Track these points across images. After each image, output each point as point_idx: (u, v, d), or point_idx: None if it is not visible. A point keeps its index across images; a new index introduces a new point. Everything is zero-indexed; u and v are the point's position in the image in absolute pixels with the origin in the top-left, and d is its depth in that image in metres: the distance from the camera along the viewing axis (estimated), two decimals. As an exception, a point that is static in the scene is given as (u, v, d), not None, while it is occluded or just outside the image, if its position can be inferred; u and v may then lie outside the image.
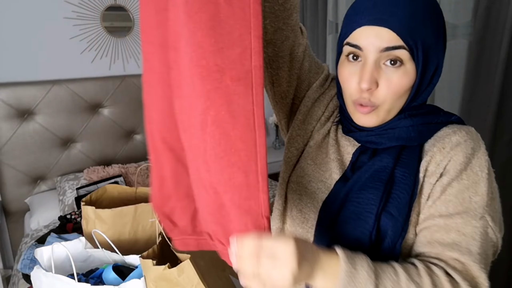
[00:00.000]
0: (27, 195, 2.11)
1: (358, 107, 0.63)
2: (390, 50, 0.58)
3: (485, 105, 1.68)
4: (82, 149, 2.21)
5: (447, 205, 0.59)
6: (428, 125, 0.64)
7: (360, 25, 0.60)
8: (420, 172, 0.62)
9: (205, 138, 0.50)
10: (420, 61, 0.60)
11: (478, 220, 0.57)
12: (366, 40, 0.59)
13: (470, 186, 0.59)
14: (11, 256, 2.17)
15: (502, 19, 1.58)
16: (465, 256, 0.55)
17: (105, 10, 2.18)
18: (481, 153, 0.61)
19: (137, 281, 0.77)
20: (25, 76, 2.05)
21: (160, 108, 0.58)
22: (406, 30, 0.57)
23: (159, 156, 0.61)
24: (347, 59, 0.63)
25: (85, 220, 0.97)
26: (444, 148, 0.62)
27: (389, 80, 0.60)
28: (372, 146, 0.67)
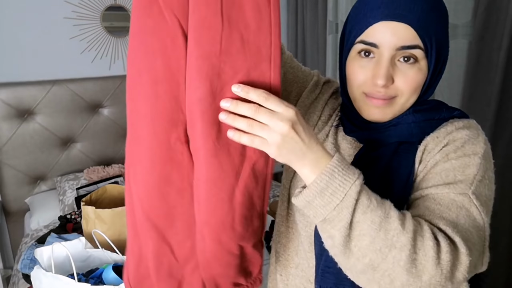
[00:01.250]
0: (27, 195, 2.11)
1: (371, 99, 0.61)
2: (406, 49, 0.57)
3: (485, 105, 1.67)
4: (82, 149, 2.21)
5: (428, 181, 0.58)
6: (430, 122, 0.63)
7: (377, 21, 0.57)
8: (416, 163, 0.62)
9: (233, 207, 0.53)
10: (433, 59, 0.59)
11: (458, 195, 0.55)
12: (382, 37, 0.57)
13: (458, 167, 0.57)
14: (11, 256, 2.17)
15: (502, 19, 1.58)
16: (436, 220, 0.52)
17: (105, 10, 2.18)
18: (478, 141, 0.60)
19: (137, 281, 0.77)
20: (25, 76, 2.05)
21: (146, 182, 0.53)
22: (423, 27, 0.57)
23: (139, 234, 0.56)
24: (358, 55, 0.62)
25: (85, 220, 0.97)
26: (438, 137, 0.61)
27: (405, 75, 0.59)
28: (374, 145, 0.66)
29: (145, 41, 0.49)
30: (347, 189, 0.48)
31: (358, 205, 0.48)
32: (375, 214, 0.48)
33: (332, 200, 0.48)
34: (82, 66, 2.19)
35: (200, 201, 0.54)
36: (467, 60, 1.80)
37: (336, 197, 0.48)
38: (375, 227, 0.48)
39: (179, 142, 0.52)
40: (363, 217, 0.48)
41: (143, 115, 0.51)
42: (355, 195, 0.48)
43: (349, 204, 0.48)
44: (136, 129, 0.53)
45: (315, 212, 0.50)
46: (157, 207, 0.54)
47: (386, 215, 0.49)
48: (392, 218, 0.49)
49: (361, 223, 0.48)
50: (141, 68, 0.50)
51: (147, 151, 0.52)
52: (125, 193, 0.57)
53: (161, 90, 0.49)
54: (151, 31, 0.49)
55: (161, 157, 0.52)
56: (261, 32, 0.48)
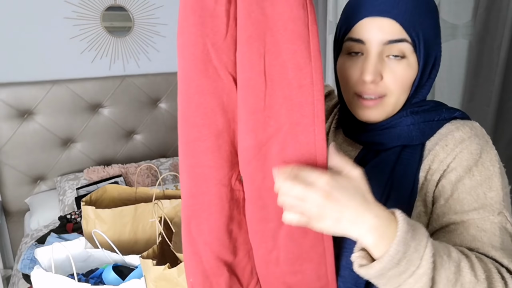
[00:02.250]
0: (27, 195, 2.11)
1: (362, 101, 0.62)
2: (394, 43, 0.57)
3: (485, 105, 1.68)
4: (82, 149, 2.21)
5: (461, 203, 0.56)
6: (430, 123, 0.62)
7: (362, 17, 0.58)
8: (421, 171, 0.61)
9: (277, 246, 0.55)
10: (422, 54, 0.59)
11: (496, 216, 0.54)
12: (369, 32, 0.58)
13: (484, 182, 0.56)
14: (11, 256, 2.17)
15: (502, 19, 1.58)
16: (491, 251, 0.51)
17: (105, 10, 2.18)
18: (489, 148, 0.60)
19: (137, 281, 0.77)
20: (25, 76, 2.05)
21: (214, 226, 0.57)
22: (409, 21, 0.57)
23: (210, 277, 0.59)
24: (348, 55, 0.62)
25: (85, 220, 0.97)
26: (447, 145, 0.60)
27: (393, 72, 0.59)
28: (374, 147, 0.66)
29: (203, 101, 0.52)
30: (422, 253, 0.45)
31: (435, 268, 0.46)
32: (449, 271, 0.46)
33: (408, 268, 0.45)
34: (82, 66, 2.19)
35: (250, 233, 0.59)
36: (467, 60, 1.80)
37: (413, 264, 0.45)
38: (451, 284, 0.46)
39: (238, 181, 0.57)
40: (439, 278, 0.46)
41: (208, 166, 0.54)
42: (430, 259, 0.45)
43: (427, 271, 0.45)
44: (199, 182, 0.56)
45: (387, 281, 0.46)
46: (225, 245, 0.58)
47: (458, 268, 0.47)
48: (464, 271, 0.47)
49: (439, 283, 0.46)
50: (199, 125, 0.53)
51: (215, 197, 0.56)
52: (185, 246, 0.60)
53: (222, 141, 0.54)
54: (209, 91, 0.52)
55: (227, 199, 0.56)
56: (302, 89, 0.50)
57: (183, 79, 0.53)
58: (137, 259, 0.86)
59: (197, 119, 0.53)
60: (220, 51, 0.50)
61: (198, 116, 0.53)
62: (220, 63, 0.51)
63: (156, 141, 2.43)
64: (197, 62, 0.51)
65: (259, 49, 0.49)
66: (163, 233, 0.82)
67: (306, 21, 0.48)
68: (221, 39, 0.50)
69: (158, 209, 0.92)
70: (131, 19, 2.27)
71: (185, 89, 0.53)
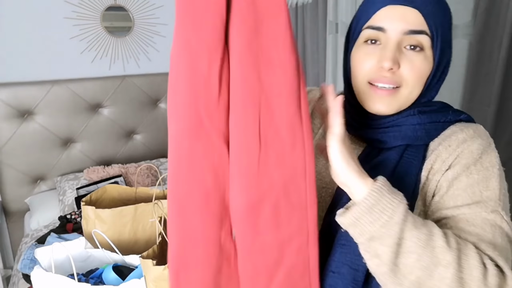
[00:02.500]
0: (27, 195, 2.11)
1: (376, 90, 0.61)
2: (414, 34, 0.57)
3: (485, 105, 1.68)
4: (82, 149, 2.21)
5: (455, 199, 0.57)
6: (435, 124, 0.62)
7: (385, 4, 0.58)
8: (423, 171, 0.61)
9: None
10: (438, 50, 0.59)
11: (489, 213, 0.54)
12: (390, 20, 0.57)
13: (481, 181, 0.57)
14: (11, 256, 2.17)
15: (502, 19, 1.58)
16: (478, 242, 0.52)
17: (105, 10, 2.18)
18: (491, 150, 0.60)
19: (137, 281, 0.77)
20: (25, 76, 2.05)
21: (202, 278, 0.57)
22: (431, 13, 0.57)
23: None
24: (364, 44, 0.61)
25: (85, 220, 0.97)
26: (450, 145, 0.60)
27: (411, 62, 0.58)
28: (378, 145, 0.65)
29: (194, 161, 0.52)
30: (395, 206, 0.49)
31: (406, 223, 0.49)
32: (421, 231, 0.49)
33: (381, 217, 0.49)
34: (82, 66, 2.19)
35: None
36: (467, 60, 1.80)
37: (386, 214, 0.49)
38: (421, 244, 0.48)
39: (228, 237, 0.56)
40: (409, 234, 0.49)
41: (196, 224, 0.55)
42: (403, 212, 0.49)
43: (398, 221, 0.49)
44: (186, 238, 0.56)
45: (361, 230, 0.51)
46: None
47: (430, 232, 0.49)
48: (436, 236, 0.49)
49: (408, 240, 0.49)
50: (189, 183, 0.53)
51: (203, 254, 0.56)
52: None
53: (212, 200, 0.54)
54: (200, 152, 0.52)
55: (215, 256, 0.56)
56: (295, 149, 0.51)
57: (174, 140, 0.52)
58: (137, 259, 0.86)
59: (187, 178, 0.53)
60: (213, 115, 0.51)
61: (188, 176, 0.53)
62: (212, 126, 0.51)
63: (156, 141, 2.43)
64: (190, 125, 0.51)
65: (254, 113, 0.49)
66: (163, 233, 0.82)
67: (298, 84, 0.50)
68: (214, 103, 0.50)
69: (158, 209, 0.92)
70: (131, 19, 2.27)
71: (175, 149, 0.53)
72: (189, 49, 0.48)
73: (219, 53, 0.48)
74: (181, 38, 0.48)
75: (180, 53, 0.49)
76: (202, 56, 0.48)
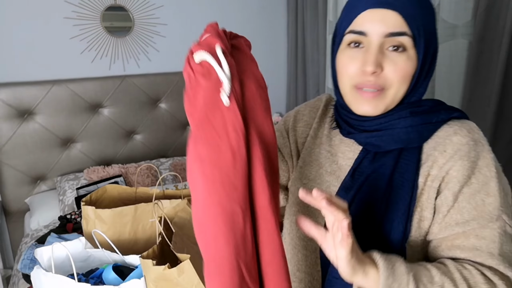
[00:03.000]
0: (27, 195, 2.11)
1: (361, 93, 0.61)
2: (395, 36, 0.57)
3: (485, 105, 1.68)
4: (82, 149, 2.21)
5: (461, 212, 0.58)
6: (427, 125, 0.62)
7: (365, 8, 0.58)
8: (420, 177, 0.61)
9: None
10: (421, 49, 0.59)
11: (495, 222, 0.57)
12: (370, 24, 0.58)
13: (481, 189, 0.58)
14: (11, 256, 2.17)
15: (502, 19, 1.58)
16: (488, 260, 0.56)
17: (105, 10, 2.18)
18: (486, 152, 0.60)
19: (137, 281, 0.77)
20: (25, 76, 2.05)
21: None
22: (411, 14, 0.57)
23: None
24: (348, 47, 0.62)
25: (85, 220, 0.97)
26: (446, 150, 0.60)
27: (394, 63, 0.59)
28: (372, 149, 0.65)
29: None
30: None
31: None
32: None
33: None
34: (82, 66, 2.19)
35: None
36: (467, 60, 1.79)
37: None
38: None
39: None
40: None
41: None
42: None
43: None
44: None
45: None
46: None
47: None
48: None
49: None
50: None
51: None
52: None
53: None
54: None
55: None
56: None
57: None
58: (137, 259, 0.86)
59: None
60: (250, 268, 0.52)
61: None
62: (250, 279, 0.52)
63: (156, 141, 2.43)
64: (235, 286, 0.51)
65: None
66: (163, 233, 0.82)
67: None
68: (250, 257, 0.52)
69: (158, 209, 0.92)
70: (131, 19, 2.27)
71: None
72: (224, 211, 0.49)
73: (248, 206, 0.51)
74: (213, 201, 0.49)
75: (216, 216, 0.49)
76: (239, 215, 0.49)
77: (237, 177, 0.48)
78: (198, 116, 0.49)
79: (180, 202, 0.95)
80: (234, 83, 0.49)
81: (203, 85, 0.49)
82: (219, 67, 0.47)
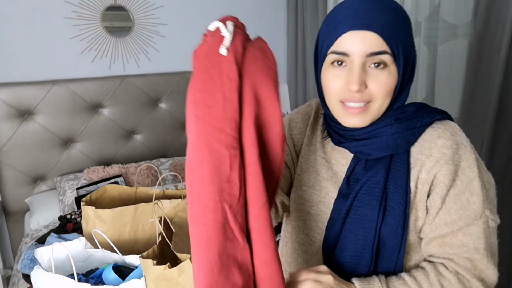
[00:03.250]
0: (27, 195, 2.11)
1: (348, 108, 0.64)
2: (376, 55, 0.61)
3: (485, 105, 1.67)
4: (82, 149, 2.21)
5: (449, 213, 0.64)
6: (412, 130, 0.66)
7: (346, 31, 0.61)
8: (411, 181, 0.66)
9: None
10: (401, 64, 0.62)
11: (479, 219, 0.63)
12: (352, 45, 0.61)
13: (466, 189, 0.64)
14: (11, 256, 2.17)
15: (502, 19, 1.58)
16: (475, 255, 0.63)
17: (105, 10, 2.18)
18: (468, 153, 0.65)
19: (137, 281, 0.77)
20: (25, 76, 2.05)
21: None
22: (389, 34, 0.60)
23: None
24: (331, 66, 0.65)
25: (85, 220, 0.97)
26: (432, 154, 0.65)
27: (377, 80, 0.62)
28: (363, 156, 0.68)
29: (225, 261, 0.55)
30: None
31: None
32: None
33: None
34: (82, 66, 2.19)
35: None
36: (467, 60, 1.79)
37: None
38: None
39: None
40: None
41: None
42: None
43: None
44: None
45: None
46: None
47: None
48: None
49: None
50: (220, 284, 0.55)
51: None
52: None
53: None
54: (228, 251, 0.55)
55: None
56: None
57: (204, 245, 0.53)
58: (137, 259, 0.86)
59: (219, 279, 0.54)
60: (236, 213, 0.54)
61: (220, 277, 0.54)
62: (236, 224, 0.54)
63: (156, 141, 2.43)
64: (218, 226, 0.53)
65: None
66: (163, 233, 0.82)
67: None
68: (235, 202, 0.53)
69: (158, 209, 0.92)
70: (131, 19, 2.27)
71: (205, 255, 0.54)
72: (211, 151, 0.52)
73: (238, 153, 0.52)
74: (202, 142, 0.52)
75: (204, 156, 0.52)
76: (225, 157, 0.52)
77: (226, 122, 0.51)
78: (198, 65, 0.53)
79: (180, 202, 0.95)
80: (236, 42, 0.54)
81: (208, 41, 0.54)
82: (223, 26, 0.54)
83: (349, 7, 0.62)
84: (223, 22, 0.55)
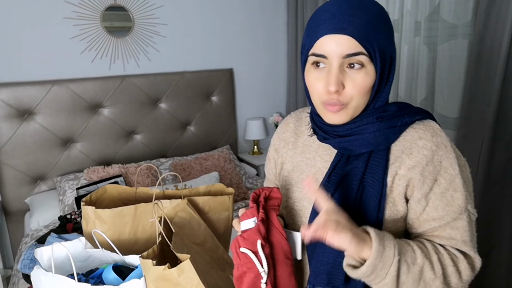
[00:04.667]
0: (27, 195, 2.11)
1: (328, 106, 0.69)
2: (352, 56, 0.64)
3: (485, 105, 1.68)
4: (82, 149, 2.21)
5: (436, 210, 0.69)
6: (393, 129, 0.70)
7: (322, 35, 0.65)
8: (389, 176, 0.70)
9: None
10: (378, 63, 0.66)
11: (464, 213, 0.69)
12: (328, 48, 0.65)
13: (449, 186, 0.69)
14: (11, 256, 2.17)
15: (502, 19, 1.58)
16: (463, 247, 0.68)
17: (105, 10, 2.18)
18: (448, 152, 0.69)
19: (137, 281, 0.77)
20: (25, 76, 2.05)
21: None
22: (364, 36, 0.64)
23: None
24: (312, 66, 0.69)
25: (85, 220, 0.97)
26: (412, 153, 0.69)
27: (353, 80, 0.66)
28: (346, 152, 0.73)
29: None
30: (387, 269, 0.64)
31: (401, 272, 0.65)
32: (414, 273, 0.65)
33: (380, 274, 0.64)
34: (82, 66, 2.19)
35: None
36: (467, 60, 1.80)
37: (380, 276, 0.64)
38: (416, 281, 0.65)
39: None
40: (405, 279, 0.65)
41: None
42: (394, 272, 0.64)
43: (392, 279, 0.64)
44: None
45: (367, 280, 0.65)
46: None
47: (421, 270, 0.65)
48: (426, 271, 0.65)
49: (404, 283, 0.65)
50: None
51: None
52: None
53: None
54: None
55: None
56: None
57: None
58: (137, 259, 0.86)
59: None
60: None
61: None
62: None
63: (156, 141, 2.43)
64: None
65: None
66: (163, 233, 0.82)
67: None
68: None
69: (158, 209, 0.92)
70: (131, 19, 2.27)
71: None
72: None
73: None
74: None
75: None
76: None
77: None
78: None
79: (180, 202, 0.95)
80: (269, 272, 0.66)
81: (248, 275, 0.67)
82: (260, 266, 0.66)
83: (327, 10, 0.66)
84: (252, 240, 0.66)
